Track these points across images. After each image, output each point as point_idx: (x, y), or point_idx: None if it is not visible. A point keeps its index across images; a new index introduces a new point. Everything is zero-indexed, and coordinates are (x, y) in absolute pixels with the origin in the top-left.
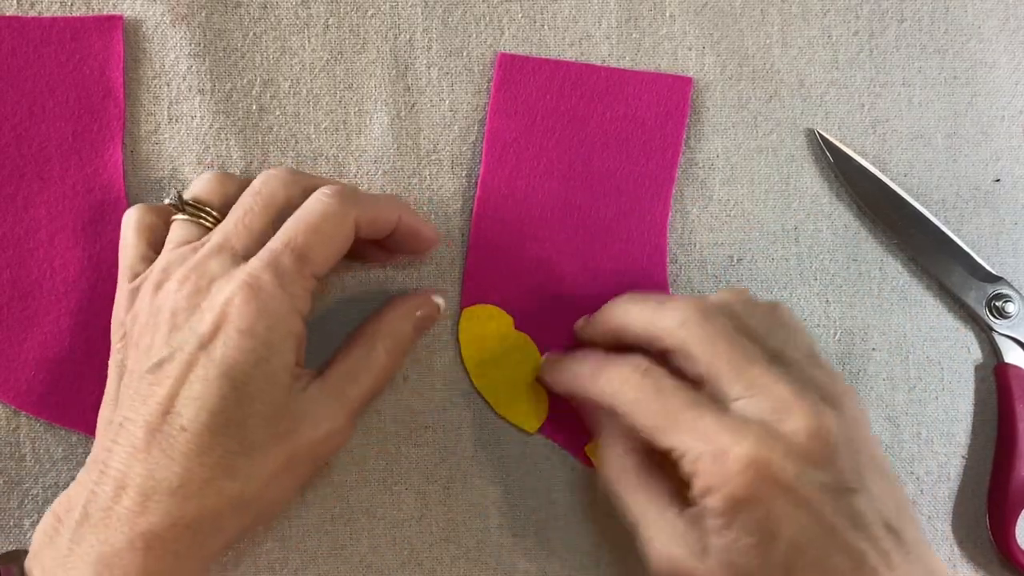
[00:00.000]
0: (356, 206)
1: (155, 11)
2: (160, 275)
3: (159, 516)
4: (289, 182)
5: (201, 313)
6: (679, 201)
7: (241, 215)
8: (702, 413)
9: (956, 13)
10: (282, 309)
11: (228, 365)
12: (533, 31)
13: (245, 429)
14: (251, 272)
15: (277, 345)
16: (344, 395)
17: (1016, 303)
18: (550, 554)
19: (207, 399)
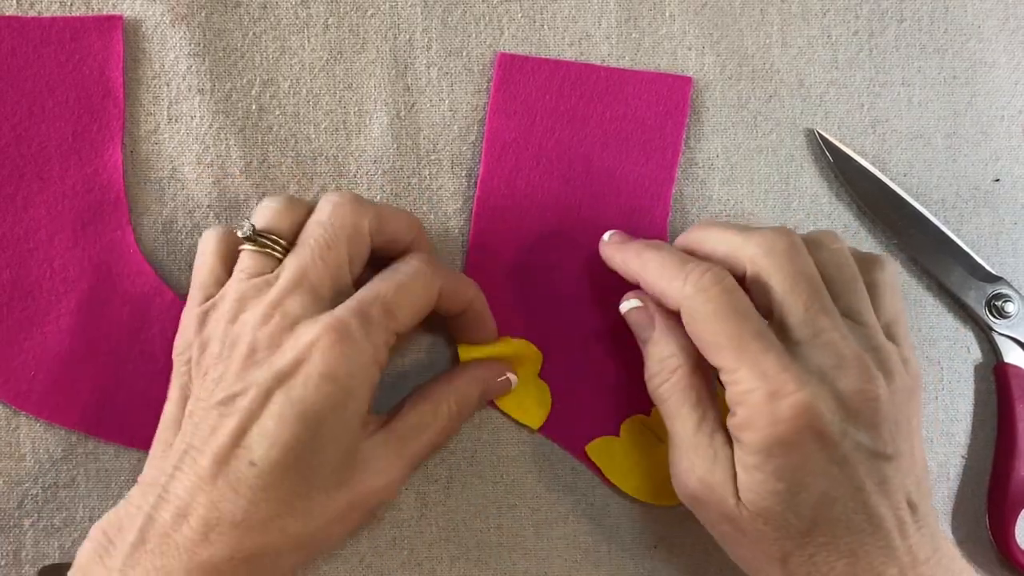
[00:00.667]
0: (443, 276)
1: (155, 11)
2: (235, 305)
3: (219, 548)
4: (357, 210)
5: (283, 352)
6: (679, 201)
7: (317, 250)
8: (768, 348)
9: (956, 13)
10: (365, 358)
11: (305, 406)
12: (533, 31)
13: (313, 470)
14: (340, 317)
15: (355, 392)
16: (406, 449)
17: (1016, 303)
18: (550, 554)
19: (280, 437)
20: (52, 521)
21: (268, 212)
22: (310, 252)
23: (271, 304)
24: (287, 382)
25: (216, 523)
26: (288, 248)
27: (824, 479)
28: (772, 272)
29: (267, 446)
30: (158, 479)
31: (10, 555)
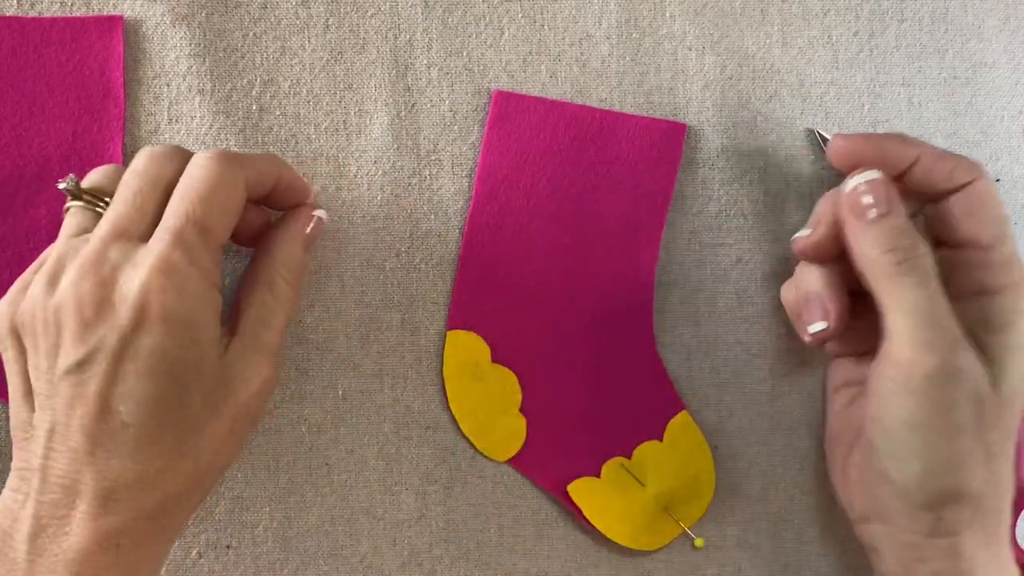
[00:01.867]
0: (241, 167)
1: (155, 11)
2: (53, 266)
3: (121, 513)
4: (172, 156)
5: (115, 306)
6: (679, 201)
7: (130, 196)
8: None
9: (956, 13)
10: (199, 287)
11: (158, 355)
12: (533, 31)
13: (187, 409)
14: (160, 255)
15: (201, 324)
16: (262, 343)
17: None
18: (550, 554)
19: (144, 391)
20: None
21: (96, 173)
22: (122, 199)
23: (89, 259)
24: (133, 337)
25: (111, 491)
26: None
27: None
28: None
29: (134, 403)
30: (33, 463)
31: None
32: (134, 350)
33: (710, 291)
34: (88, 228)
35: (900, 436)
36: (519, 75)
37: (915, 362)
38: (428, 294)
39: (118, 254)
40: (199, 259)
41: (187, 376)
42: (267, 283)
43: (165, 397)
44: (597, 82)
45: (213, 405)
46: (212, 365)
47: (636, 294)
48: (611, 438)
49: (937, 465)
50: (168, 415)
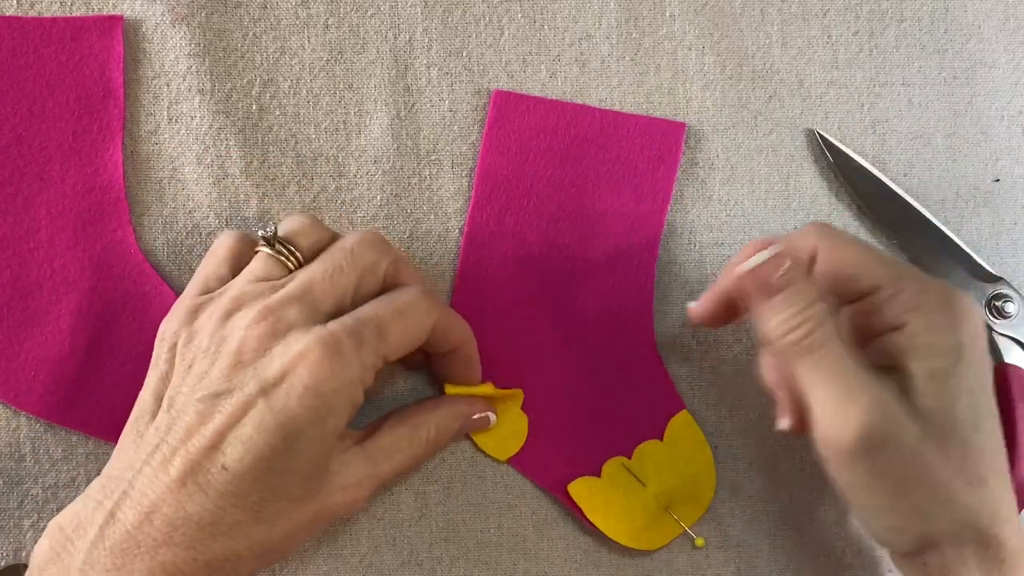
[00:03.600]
0: (440, 310)
1: (155, 11)
2: (231, 303)
3: (183, 550)
4: (380, 249)
5: (271, 357)
6: (679, 201)
7: (331, 270)
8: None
9: (956, 13)
10: (351, 376)
11: (285, 417)
12: (533, 31)
13: (284, 480)
14: (333, 332)
15: (336, 409)
16: (377, 468)
17: (1016, 303)
18: (550, 554)
19: (256, 444)
20: None
21: (294, 224)
22: (323, 269)
23: (268, 307)
24: (271, 391)
25: (182, 524)
26: (301, 263)
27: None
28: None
29: (242, 452)
30: (124, 474)
31: (10, 555)
32: (266, 402)
33: None
34: (272, 276)
35: (853, 500)
36: (519, 75)
37: (835, 438)
38: None
39: (296, 315)
40: (364, 355)
41: (300, 449)
42: (414, 428)
43: (271, 457)
44: (597, 82)
45: (307, 490)
46: (325, 453)
47: (636, 294)
48: (611, 437)
49: (898, 520)
50: (266, 476)
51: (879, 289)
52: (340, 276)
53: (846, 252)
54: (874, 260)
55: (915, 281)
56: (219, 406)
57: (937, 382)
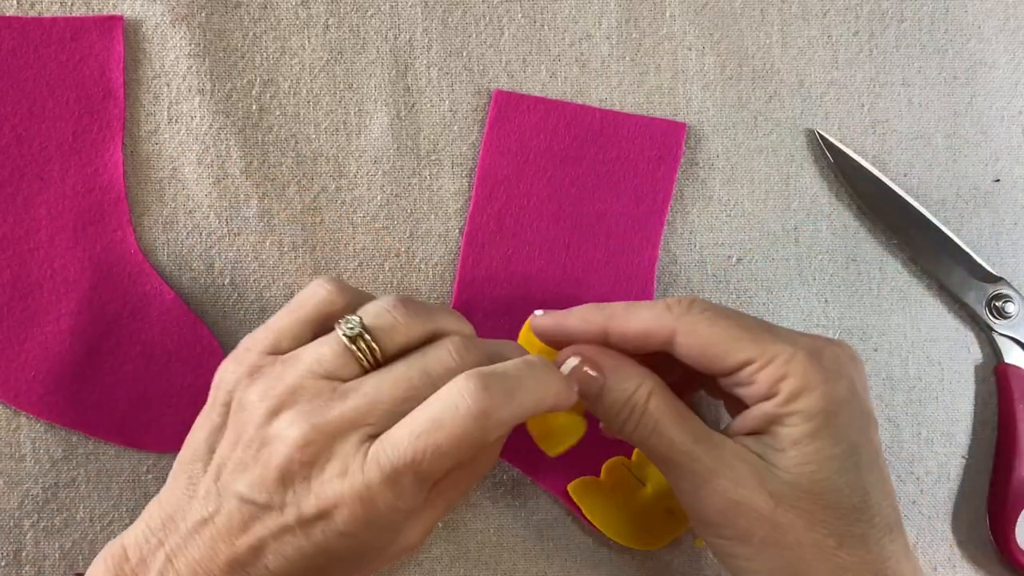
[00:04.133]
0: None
1: (155, 11)
2: (284, 397)
3: None
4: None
5: (309, 489)
6: (679, 201)
7: (401, 396)
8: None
9: (956, 13)
10: (390, 523)
11: (322, 549)
12: (533, 31)
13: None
14: (369, 485)
15: (379, 543)
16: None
17: (1016, 303)
18: (550, 554)
19: (298, 563)
20: (52, 521)
21: (386, 319)
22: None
23: (319, 432)
24: (309, 525)
25: None
26: (378, 364)
27: (866, 439)
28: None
29: (284, 565)
30: (180, 525)
31: (10, 555)
32: (305, 534)
33: (710, 291)
34: (339, 376)
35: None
36: (519, 75)
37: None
38: (428, 294)
39: (343, 448)
40: (403, 501)
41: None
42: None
43: (316, 568)
44: (597, 82)
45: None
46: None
47: (636, 294)
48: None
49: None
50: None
51: (750, 362)
52: (411, 406)
53: (709, 333)
54: (739, 334)
55: (785, 348)
56: (260, 517)
57: (799, 448)
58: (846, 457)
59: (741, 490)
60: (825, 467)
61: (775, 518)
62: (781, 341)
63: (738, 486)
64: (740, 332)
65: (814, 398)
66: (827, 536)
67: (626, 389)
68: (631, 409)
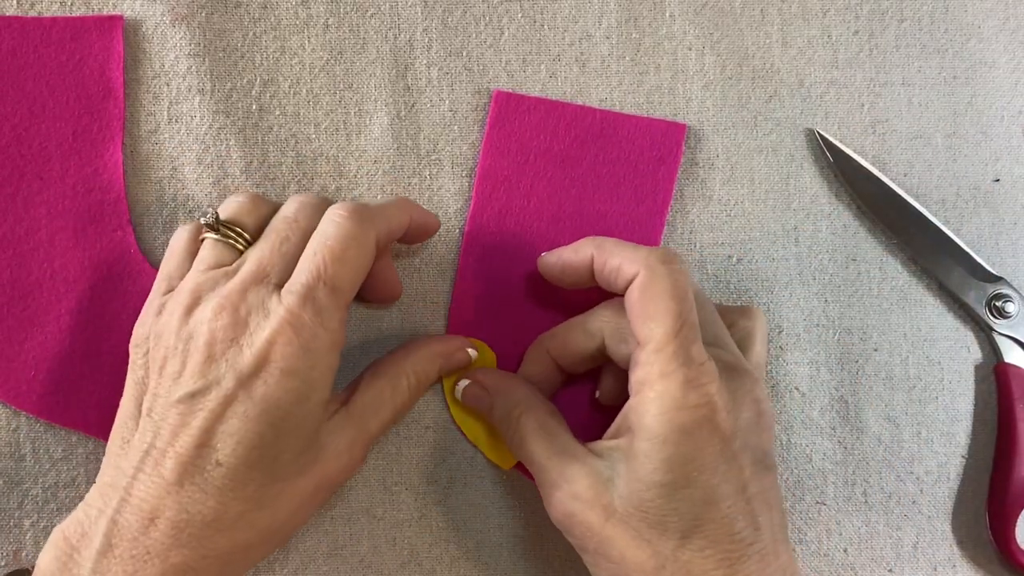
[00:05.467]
0: (374, 224)
1: (155, 11)
2: (190, 297)
3: (192, 549)
4: (319, 208)
5: (240, 349)
6: (679, 201)
7: (278, 244)
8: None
9: (956, 13)
10: (323, 346)
11: (269, 404)
12: (533, 31)
13: (278, 463)
14: (291, 310)
15: (316, 383)
16: (365, 427)
17: (1016, 303)
18: (550, 554)
19: (245, 436)
20: (52, 521)
21: (234, 205)
22: (270, 245)
23: (227, 297)
24: (249, 381)
25: (186, 525)
26: (250, 242)
27: (713, 474)
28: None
29: (232, 445)
30: (119, 481)
31: (10, 555)
32: (247, 394)
33: (710, 291)
34: (223, 262)
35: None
36: (519, 75)
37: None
38: (428, 294)
39: (256, 298)
40: (326, 319)
41: (288, 430)
42: (393, 379)
43: (263, 445)
44: (597, 82)
45: (302, 465)
46: (313, 427)
47: None
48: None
49: None
50: (260, 463)
51: (645, 345)
52: (289, 247)
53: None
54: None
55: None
56: (200, 404)
57: (631, 464)
58: (676, 486)
59: (576, 503)
60: (651, 490)
61: (604, 532)
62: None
63: (574, 499)
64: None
65: (657, 419)
66: (649, 557)
67: (505, 406)
68: (508, 423)
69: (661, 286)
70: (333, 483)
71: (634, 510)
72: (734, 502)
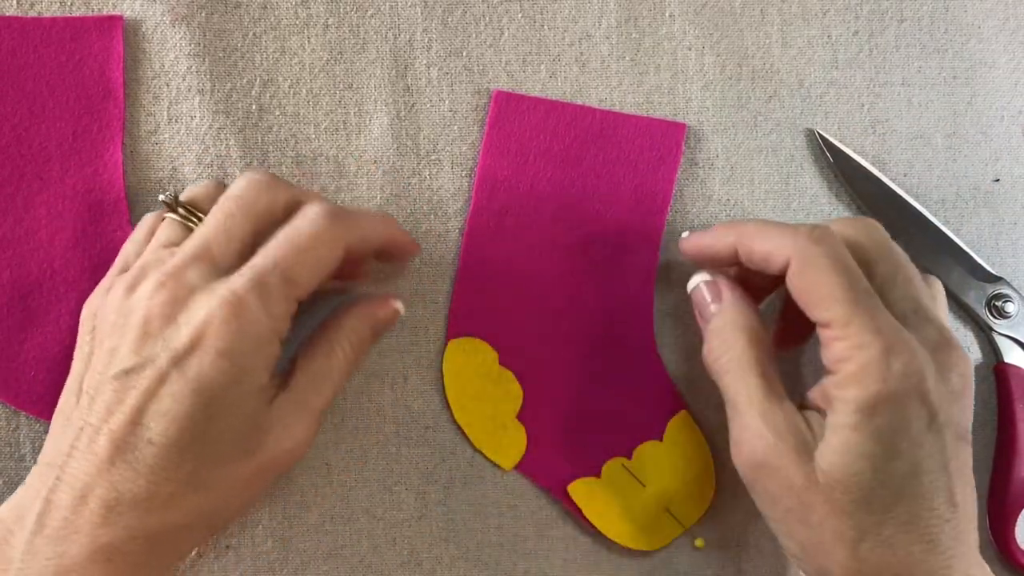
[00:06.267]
0: (348, 230)
1: (155, 11)
2: (136, 274)
3: (122, 529)
4: (271, 187)
5: (177, 326)
6: (679, 201)
7: (222, 219)
8: (880, 306)
9: (956, 13)
10: (263, 332)
11: (202, 383)
12: (533, 31)
13: (213, 444)
14: (235, 291)
15: (252, 368)
16: (308, 406)
17: (1016, 303)
18: (550, 554)
19: (177, 415)
20: None
21: (196, 189)
22: (215, 222)
23: (168, 274)
24: (183, 360)
25: (116, 504)
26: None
27: (919, 448)
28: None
29: (164, 424)
30: (55, 459)
31: None
32: (180, 372)
33: None
34: (178, 242)
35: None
36: (519, 75)
37: (735, 457)
38: (428, 294)
39: (197, 276)
40: (272, 307)
41: (223, 412)
42: (328, 351)
43: (195, 425)
44: (597, 82)
45: (242, 449)
46: (251, 409)
47: (636, 294)
48: (611, 438)
49: (795, 548)
50: (193, 444)
51: (830, 326)
52: (232, 223)
53: (815, 278)
54: (840, 294)
55: (865, 332)
56: (133, 381)
57: (839, 436)
58: (885, 458)
59: (780, 458)
60: (858, 463)
61: (805, 496)
62: (872, 322)
63: (779, 454)
64: (842, 292)
65: (864, 390)
66: (850, 528)
67: (726, 326)
68: (723, 343)
69: (818, 267)
70: (279, 466)
71: (837, 482)
72: (936, 476)
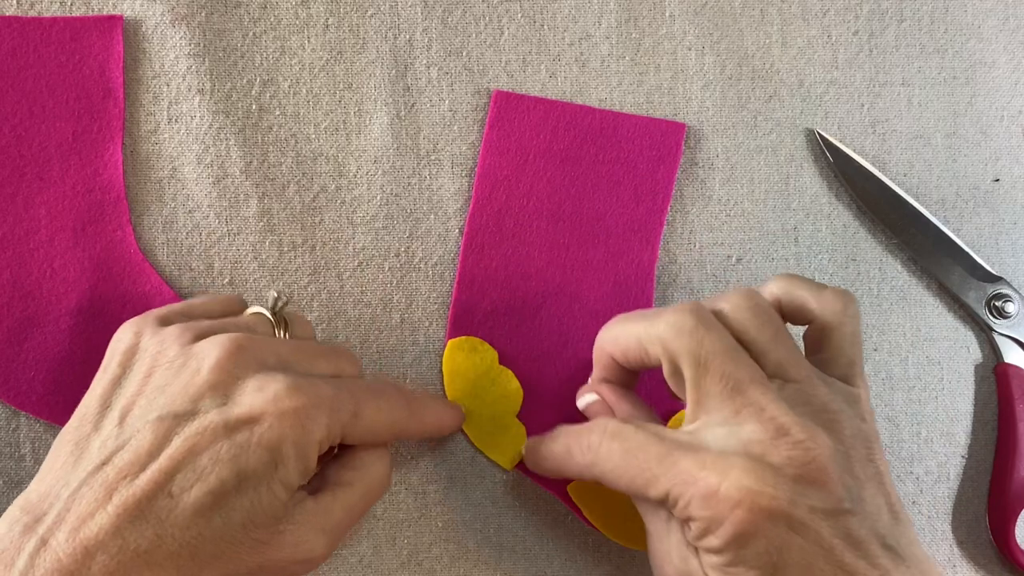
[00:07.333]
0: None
1: (155, 11)
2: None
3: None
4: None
5: (243, 389)
6: (679, 201)
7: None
8: (677, 459)
9: (956, 13)
10: (315, 438)
11: (243, 454)
12: (533, 31)
13: (227, 521)
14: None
15: (293, 463)
16: (335, 527)
17: (1016, 303)
18: (550, 554)
19: (208, 476)
20: None
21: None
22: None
23: (251, 339)
24: (236, 427)
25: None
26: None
27: (793, 552)
28: (682, 356)
29: (192, 481)
30: (59, 491)
31: None
32: (227, 436)
33: (710, 291)
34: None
35: None
36: (519, 75)
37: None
38: (428, 294)
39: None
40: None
41: (248, 491)
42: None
43: (219, 494)
44: (597, 82)
45: (251, 540)
46: (275, 504)
47: (636, 294)
48: None
49: None
50: (208, 512)
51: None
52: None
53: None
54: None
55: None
56: (178, 430)
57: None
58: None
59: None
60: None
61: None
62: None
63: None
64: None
65: (718, 539)
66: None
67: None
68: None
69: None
70: (285, 570)
71: None
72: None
